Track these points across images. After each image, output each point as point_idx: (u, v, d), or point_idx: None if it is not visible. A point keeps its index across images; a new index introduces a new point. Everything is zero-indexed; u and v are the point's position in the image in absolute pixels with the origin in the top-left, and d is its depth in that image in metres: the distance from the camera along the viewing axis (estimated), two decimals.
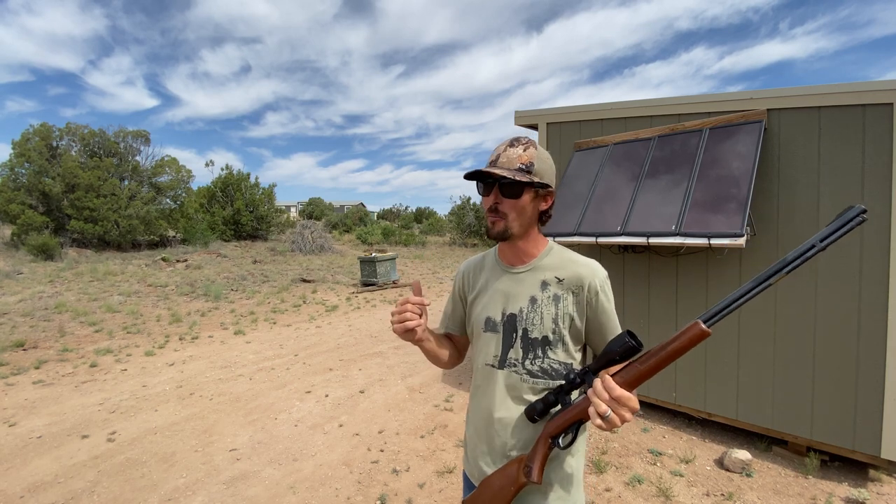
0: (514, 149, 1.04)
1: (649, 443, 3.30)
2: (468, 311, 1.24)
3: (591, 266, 1.09)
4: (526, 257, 1.13)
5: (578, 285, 1.07)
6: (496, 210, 1.05)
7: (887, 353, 2.66)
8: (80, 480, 2.83)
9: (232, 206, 20.66)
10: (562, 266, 1.10)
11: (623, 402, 0.82)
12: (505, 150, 1.05)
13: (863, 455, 2.77)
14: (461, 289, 1.27)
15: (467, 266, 1.28)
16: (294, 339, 6.52)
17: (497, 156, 1.05)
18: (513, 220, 1.05)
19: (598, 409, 0.83)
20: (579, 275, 1.08)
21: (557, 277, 1.09)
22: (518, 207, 1.05)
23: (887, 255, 2.66)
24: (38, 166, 15.64)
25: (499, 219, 1.06)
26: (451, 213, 27.33)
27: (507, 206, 1.05)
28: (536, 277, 1.10)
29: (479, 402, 1.17)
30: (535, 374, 1.08)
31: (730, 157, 3.13)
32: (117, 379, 4.73)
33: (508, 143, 1.06)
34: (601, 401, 0.83)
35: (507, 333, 1.10)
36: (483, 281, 1.20)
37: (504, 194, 1.04)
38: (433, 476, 2.89)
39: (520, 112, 4.61)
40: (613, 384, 0.84)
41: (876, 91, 2.69)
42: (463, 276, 1.27)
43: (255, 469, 2.98)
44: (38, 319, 6.90)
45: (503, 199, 1.04)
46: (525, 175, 1.02)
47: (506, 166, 1.03)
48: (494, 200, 1.05)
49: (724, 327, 3.25)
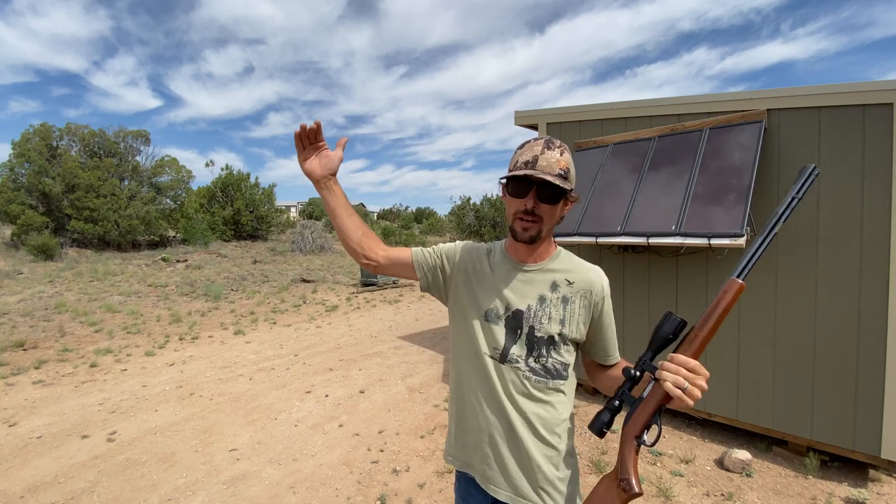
0: (552, 152, 1.00)
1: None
2: (458, 292, 1.18)
3: (598, 272, 1.13)
4: (538, 258, 1.13)
5: (588, 289, 1.09)
6: (532, 213, 1.03)
7: (887, 353, 2.66)
8: (80, 480, 2.83)
9: (232, 206, 20.67)
10: (571, 270, 1.11)
11: (698, 371, 0.85)
12: (543, 153, 1.00)
13: (863, 455, 2.77)
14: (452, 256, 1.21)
15: (470, 246, 1.23)
16: (294, 339, 6.52)
17: (535, 157, 1.00)
18: (545, 225, 1.05)
19: (677, 383, 0.84)
20: (589, 279, 1.10)
21: (568, 280, 1.10)
22: (554, 213, 1.05)
23: (887, 256, 2.66)
24: (38, 166, 15.66)
25: (534, 223, 1.03)
26: (451, 213, 27.34)
27: (544, 211, 1.03)
28: (546, 278, 1.10)
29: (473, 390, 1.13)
30: (538, 372, 1.07)
31: (730, 156, 3.13)
32: (117, 379, 4.73)
33: (544, 144, 1.02)
34: (679, 375, 0.85)
35: (511, 329, 1.08)
36: (486, 270, 1.16)
37: (543, 199, 1.01)
38: (433, 476, 2.89)
39: (520, 112, 4.61)
40: (685, 357, 0.87)
41: (876, 91, 2.69)
42: (460, 250, 1.22)
43: (255, 469, 2.98)
44: (38, 319, 6.90)
45: (541, 205, 1.02)
46: (565, 181, 1.00)
47: (547, 171, 0.99)
48: (532, 205, 1.02)
49: (724, 327, 3.25)
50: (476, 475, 1.14)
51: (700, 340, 0.88)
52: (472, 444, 1.14)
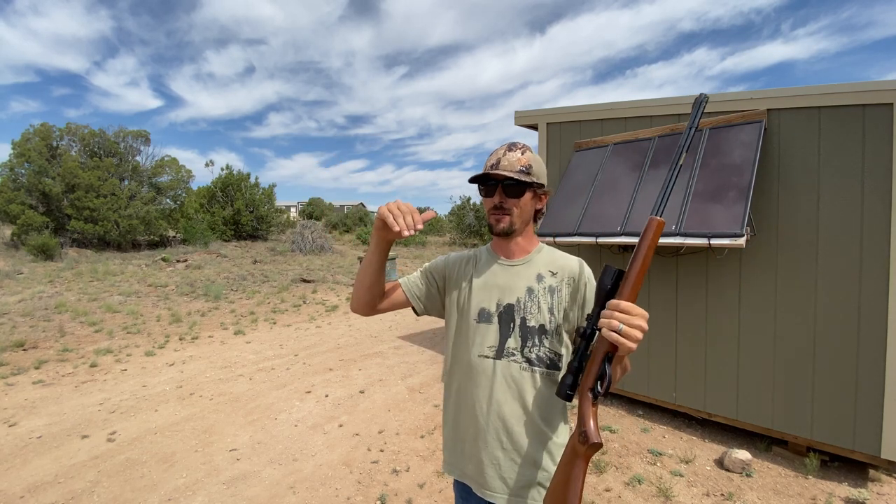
0: (513, 153, 1.12)
1: (649, 443, 3.30)
2: (451, 301, 1.24)
3: (579, 260, 1.20)
4: (522, 252, 1.20)
5: (572, 277, 1.16)
6: (501, 208, 1.13)
7: (887, 353, 2.66)
8: (80, 480, 2.83)
9: (232, 206, 20.66)
10: (554, 261, 1.19)
11: (632, 312, 0.87)
12: (505, 154, 1.12)
13: (863, 455, 2.77)
14: (441, 270, 1.27)
15: (456, 255, 1.29)
16: (294, 339, 6.52)
17: (497, 160, 1.12)
18: (516, 216, 1.13)
19: (611, 326, 0.86)
20: (572, 268, 1.17)
21: (551, 271, 1.17)
22: (520, 206, 1.13)
23: (887, 255, 2.66)
24: (38, 166, 15.63)
25: (504, 215, 1.13)
26: (451, 213, 27.31)
27: (510, 205, 1.12)
28: (531, 270, 1.17)
29: (469, 395, 1.15)
30: (533, 362, 1.11)
31: (730, 157, 3.13)
32: (117, 379, 4.73)
33: (507, 147, 1.13)
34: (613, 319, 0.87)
35: (505, 323, 1.14)
36: (474, 273, 1.22)
37: (508, 194, 1.12)
38: (433, 476, 2.89)
39: (520, 112, 4.61)
40: (617, 301, 0.89)
41: (876, 91, 2.69)
42: (447, 262, 1.28)
43: (255, 469, 2.98)
44: (38, 319, 6.90)
45: (507, 199, 1.12)
46: (526, 176, 1.10)
47: (508, 169, 1.10)
48: (499, 200, 1.12)
49: (723, 327, 3.26)
50: (472, 484, 1.16)
51: (631, 282, 0.90)
52: (467, 453, 1.16)
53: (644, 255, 0.91)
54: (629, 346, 0.86)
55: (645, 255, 0.91)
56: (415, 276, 1.29)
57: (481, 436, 1.12)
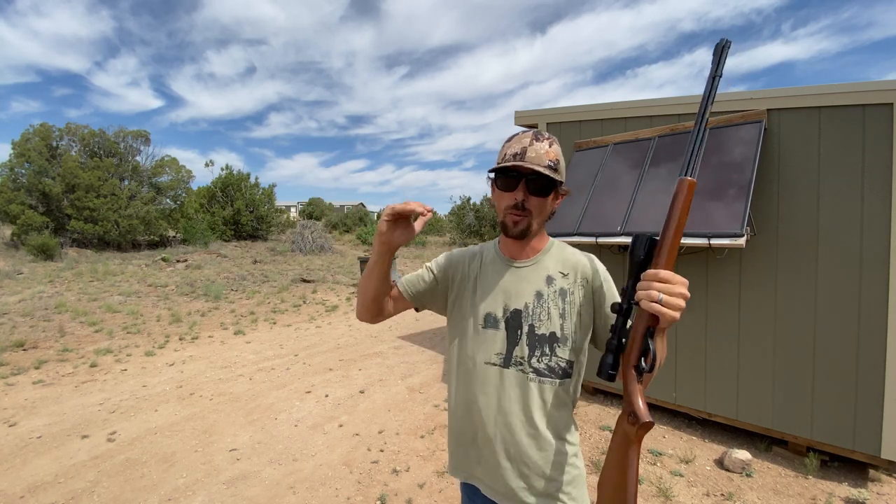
0: (541, 143, 0.98)
1: (649, 443, 3.30)
2: (454, 301, 1.16)
3: (591, 257, 1.10)
4: (530, 252, 1.10)
5: (585, 278, 1.06)
6: (522, 207, 1.00)
7: (887, 353, 2.66)
8: (80, 480, 2.83)
9: (232, 206, 20.66)
10: (564, 260, 1.09)
11: (672, 280, 0.80)
12: (532, 144, 0.98)
13: (863, 455, 2.77)
14: (443, 267, 1.19)
15: (460, 252, 1.20)
16: (294, 339, 6.52)
17: (523, 149, 0.97)
18: (536, 218, 1.02)
19: (650, 297, 0.80)
20: (584, 268, 1.07)
21: (562, 272, 1.07)
22: (544, 206, 1.02)
23: (887, 255, 2.66)
24: (38, 166, 15.64)
25: (523, 217, 1.01)
26: (451, 213, 27.32)
27: (534, 204, 1.00)
28: (540, 272, 1.07)
29: (476, 402, 1.08)
30: (542, 372, 1.03)
31: (730, 156, 3.13)
32: (117, 379, 4.73)
33: (532, 136, 0.99)
34: (651, 290, 0.80)
35: (512, 330, 1.05)
36: (480, 272, 1.13)
37: (533, 192, 0.99)
38: (433, 476, 2.89)
39: (520, 112, 4.61)
40: (654, 270, 0.82)
41: (876, 91, 2.69)
42: (450, 258, 1.19)
43: (255, 469, 2.98)
44: (38, 319, 6.90)
45: (531, 197, 1.00)
46: (555, 173, 0.98)
47: (535, 162, 0.96)
48: (522, 197, 0.99)
49: (723, 327, 3.26)
50: (481, 486, 1.12)
51: (667, 249, 0.84)
52: (474, 457, 1.11)
53: (678, 219, 0.83)
54: (672, 315, 0.79)
55: (679, 219, 0.83)
56: (414, 275, 1.21)
57: (489, 444, 1.06)
